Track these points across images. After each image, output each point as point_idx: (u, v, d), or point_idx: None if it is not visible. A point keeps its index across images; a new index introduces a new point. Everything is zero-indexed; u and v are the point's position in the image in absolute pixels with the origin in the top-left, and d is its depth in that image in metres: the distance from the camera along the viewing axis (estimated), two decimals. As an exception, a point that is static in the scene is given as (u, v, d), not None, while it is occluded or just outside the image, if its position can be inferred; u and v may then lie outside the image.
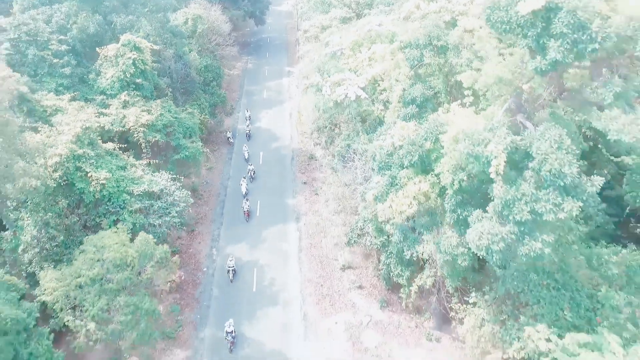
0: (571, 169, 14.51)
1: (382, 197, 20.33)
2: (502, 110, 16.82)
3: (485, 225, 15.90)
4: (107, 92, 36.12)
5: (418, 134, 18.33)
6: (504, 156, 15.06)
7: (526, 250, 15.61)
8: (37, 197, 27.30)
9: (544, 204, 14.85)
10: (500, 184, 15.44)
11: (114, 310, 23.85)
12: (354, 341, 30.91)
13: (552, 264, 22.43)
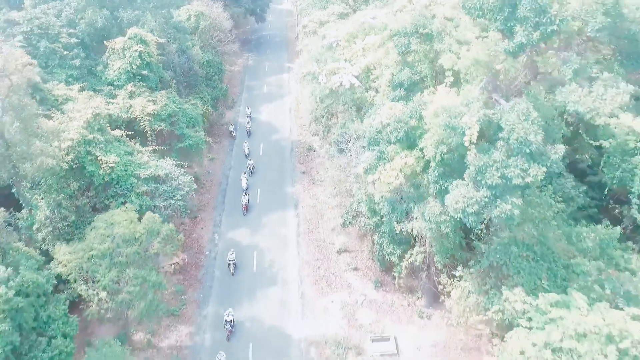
0: (536, 137, 16.36)
1: (371, 169, 22.28)
2: (478, 88, 18.72)
3: (461, 190, 17.78)
4: (114, 83, 38.07)
5: (404, 113, 20.25)
6: (477, 127, 16.92)
7: (498, 212, 17.48)
8: (50, 179, 29.24)
9: (512, 170, 16.72)
10: (474, 152, 17.32)
11: (123, 282, 25.72)
12: (349, 318, 32.75)
13: (531, 237, 24.33)
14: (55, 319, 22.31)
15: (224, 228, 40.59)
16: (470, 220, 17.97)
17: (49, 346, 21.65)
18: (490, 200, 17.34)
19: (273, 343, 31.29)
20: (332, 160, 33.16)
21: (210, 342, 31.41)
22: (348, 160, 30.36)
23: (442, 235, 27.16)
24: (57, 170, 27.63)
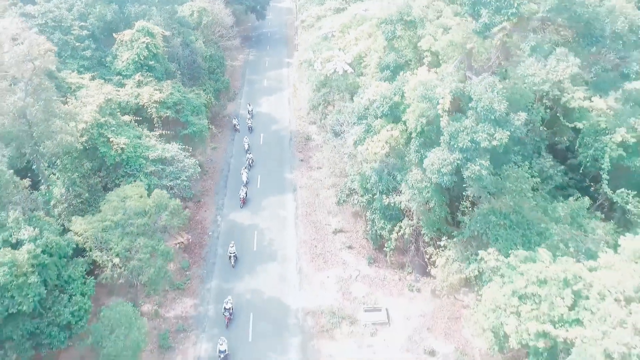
0: (500, 105, 18.87)
1: (360, 141, 24.83)
2: (452, 66, 21.24)
3: (437, 154, 20.28)
4: (123, 73, 40.72)
5: (389, 90, 22.79)
6: (449, 97, 19.41)
7: (468, 172, 19.98)
8: (65, 159, 31.90)
9: (480, 134, 19.21)
10: (446, 118, 19.84)
11: (134, 250, 28.22)
12: (343, 292, 35.28)
13: (508, 207, 26.88)
14: (75, 279, 24.86)
15: (226, 211, 43.16)
16: (445, 180, 20.49)
17: (69, 302, 24.21)
18: (462, 162, 19.86)
19: (272, 312, 33.84)
20: (327, 144, 35.70)
21: (213, 313, 33.94)
22: (342, 142, 32.96)
23: (429, 209, 29.79)
24: (74, 149, 30.20)
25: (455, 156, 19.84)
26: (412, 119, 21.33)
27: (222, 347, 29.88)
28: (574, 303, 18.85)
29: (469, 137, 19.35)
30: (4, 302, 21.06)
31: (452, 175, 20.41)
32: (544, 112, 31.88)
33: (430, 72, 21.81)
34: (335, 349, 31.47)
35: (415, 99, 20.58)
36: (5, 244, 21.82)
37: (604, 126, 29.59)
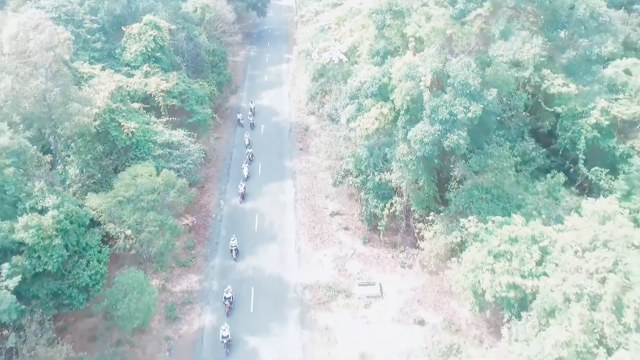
0: (474, 81, 21.46)
1: (352, 118, 27.44)
2: (434, 49, 23.85)
3: (420, 126, 22.86)
4: (131, 64, 43.45)
5: (378, 72, 25.35)
6: (430, 75, 21.99)
7: (448, 142, 22.57)
8: (79, 142, 34.59)
9: (458, 107, 21.78)
10: (428, 94, 22.43)
11: (145, 224, 30.86)
12: (339, 269, 37.87)
13: (490, 183, 29.50)
14: (92, 246, 27.51)
15: (228, 196, 45.81)
16: (426, 150, 23.09)
17: (87, 267, 26.86)
18: (442, 133, 22.45)
19: (272, 287, 36.44)
20: (325, 129, 38.36)
21: (217, 287, 36.54)
22: (338, 127, 35.60)
23: (418, 188, 32.45)
24: (88, 132, 32.88)
25: (435, 128, 22.46)
26: (399, 98, 23.97)
27: (224, 332, 31.21)
28: (541, 258, 21.40)
29: (447, 110, 21.95)
30: (31, 261, 23.68)
31: (433, 145, 23.01)
32: (526, 99, 34.59)
33: (415, 56, 24.43)
34: (331, 319, 34.03)
35: (400, 78, 23.23)
36: (33, 210, 24.46)
37: (580, 110, 32.28)
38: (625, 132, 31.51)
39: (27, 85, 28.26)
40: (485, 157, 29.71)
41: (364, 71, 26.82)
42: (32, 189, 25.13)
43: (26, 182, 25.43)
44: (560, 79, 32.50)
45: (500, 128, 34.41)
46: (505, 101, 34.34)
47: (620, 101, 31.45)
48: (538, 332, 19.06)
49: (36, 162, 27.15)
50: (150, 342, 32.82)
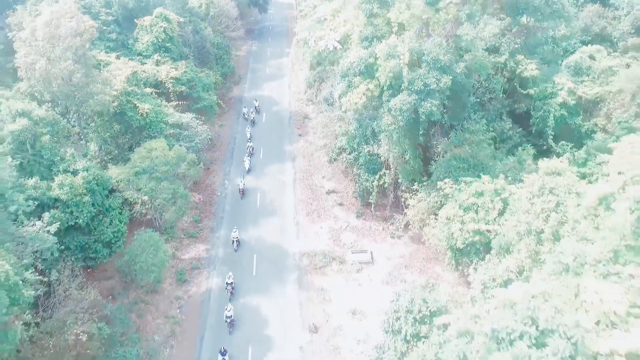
0: (444, 57, 25.65)
1: (343, 94, 31.68)
2: (412, 32, 28.02)
3: (399, 97, 27.02)
4: (143, 53, 47.82)
5: (365, 54, 29.60)
6: (407, 53, 26.15)
7: (422, 109, 26.76)
8: (98, 121, 38.87)
9: (431, 79, 25.95)
10: (406, 69, 26.60)
11: (159, 192, 35.13)
12: (334, 239, 42.06)
13: (467, 154, 33.69)
14: (114, 208, 31.77)
15: (232, 176, 50.09)
16: (405, 116, 27.27)
17: (110, 224, 31.12)
18: (418, 102, 26.62)
19: (273, 254, 40.64)
20: (322, 112, 42.64)
21: (222, 255, 40.77)
22: (333, 109, 39.84)
23: (405, 161, 36.66)
24: (106, 112, 37.17)
25: (412, 97, 26.65)
26: (383, 75, 28.15)
27: (228, 312, 33.61)
28: (503, 209, 25.54)
29: (422, 82, 26.13)
30: (65, 215, 27.91)
31: (410, 113, 27.18)
32: (503, 82, 38.88)
33: (397, 39, 28.64)
34: (326, 282, 38.19)
35: (383, 57, 27.42)
36: (65, 172, 28.73)
37: (550, 91, 36.53)
38: (589, 111, 35.69)
39: (57, 66, 32.56)
40: (464, 132, 33.95)
41: (353, 53, 31.13)
42: (65, 154, 29.43)
43: (59, 149, 29.71)
44: (533, 64, 36.76)
45: (480, 110, 38.65)
46: (484, 85, 38.61)
47: (585, 83, 35.69)
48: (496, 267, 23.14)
49: (66, 133, 31.42)
50: (163, 301, 37.01)
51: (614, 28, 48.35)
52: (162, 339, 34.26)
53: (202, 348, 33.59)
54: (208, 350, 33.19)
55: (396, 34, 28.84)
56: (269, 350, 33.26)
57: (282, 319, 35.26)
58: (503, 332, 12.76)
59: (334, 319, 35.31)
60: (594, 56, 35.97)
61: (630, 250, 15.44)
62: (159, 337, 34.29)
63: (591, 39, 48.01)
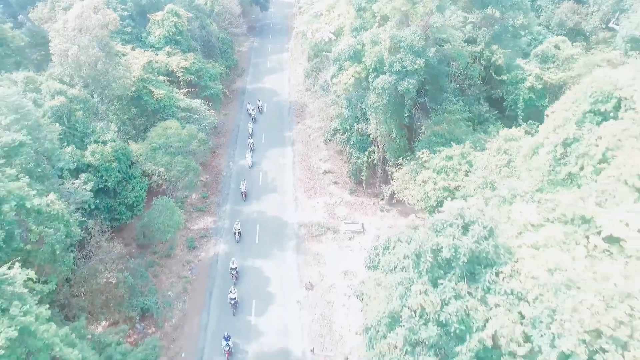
0: (419, 43, 30.97)
1: (335, 76, 36.97)
2: (393, 23, 33.35)
3: (381, 77, 32.27)
4: (155, 46, 53.30)
5: (354, 42, 34.90)
6: (388, 40, 31.44)
7: (401, 87, 32.05)
8: (118, 104, 44.25)
9: (407, 62, 31.24)
10: (387, 54, 31.87)
11: (174, 165, 40.48)
12: (329, 212, 47.36)
13: (445, 131, 38.99)
14: (136, 176, 37.12)
15: (236, 158, 55.53)
16: (386, 94, 32.56)
17: (132, 190, 36.48)
18: (397, 81, 31.92)
19: (274, 225, 45.98)
20: (318, 98, 48.10)
21: (228, 225, 46.09)
22: (328, 94, 45.27)
23: (391, 139, 41.97)
24: (126, 95, 42.56)
25: (392, 77, 31.93)
26: (369, 59, 33.46)
27: (232, 295, 36.72)
28: (468, 170, 30.83)
29: (400, 64, 31.40)
30: (96, 178, 33.24)
31: (391, 91, 32.48)
32: (480, 70, 44.24)
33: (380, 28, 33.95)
34: (321, 248, 43.50)
35: (368, 44, 32.76)
36: (96, 142, 34.09)
37: (520, 77, 41.88)
38: (554, 94, 40.98)
39: (86, 54, 37.96)
40: (443, 113, 39.34)
41: (344, 41, 36.48)
42: (95, 127, 34.81)
43: (90, 123, 35.09)
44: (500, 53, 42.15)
45: (460, 95, 43.97)
46: (463, 72, 43.95)
47: (550, 69, 41.00)
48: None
49: (95, 111, 36.81)
50: (175, 264, 42.38)
51: (587, 23, 53.92)
52: (175, 294, 39.60)
53: (210, 302, 38.88)
54: (216, 304, 38.47)
55: (380, 24, 34.15)
56: (270, 304, 38.54)
57: (282, 279, 40.55)
58: (439, 223, 17.84)
59: (328, 279, 40.58)
60: (559, 46, 41.30)
61: (550, 184, 20.43)
62: (172, 293, 39.64)
63: (566, 32, 53.70)
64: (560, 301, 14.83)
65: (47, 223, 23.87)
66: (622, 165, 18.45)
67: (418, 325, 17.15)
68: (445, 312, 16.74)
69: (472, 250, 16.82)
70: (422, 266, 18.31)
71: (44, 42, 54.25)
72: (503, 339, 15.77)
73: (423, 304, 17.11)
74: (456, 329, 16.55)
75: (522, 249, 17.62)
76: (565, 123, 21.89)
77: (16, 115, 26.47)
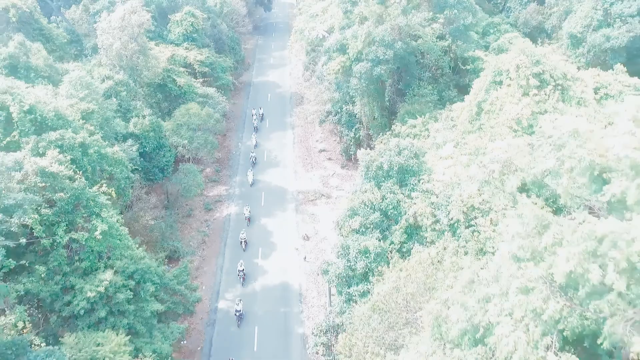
0: (388, 37, 41.97)
1: (325, 64, 48.01)
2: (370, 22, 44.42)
3: (360, 64, 43.49)
4: (175, 42, 64.71)
5: (340, 37, 45.99)
6: (364, 36, 42.60)
7: (375, 72, 43.05)
8: (146, 90, 55.54)
9: (379, 52, 42.25)
10: (363, 46, 42.91)
11: (195, 138, 51.67)
12: (324, 182, 58.44)
13: (415, 110, 49.99)
14: (166, 145, 48.33)
15: (244, 139, 66.82)
16: (364, 77, 43.65)
17: (164, 156, 47.65)
18: (372, 67, 42.95)
19: (277, 192, 57.11)
20: (315, 86, 59.36)
21: (238, 192, 57.21)
22: (322, 81, 56.44)
23: (374, 118, 53.06)
24: (154, 82, 53.84)
25: (369, 65, 42.92)
26: (351, 51, 44.47)
27: (238, 307, 40.72)
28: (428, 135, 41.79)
29: (374, 54, 42.40)
30: (138, 145, 44.28)
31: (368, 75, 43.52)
32: (449, 61, 55.36)
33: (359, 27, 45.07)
34: (316, 210, 54.53)
35: (351, 39, 43.76)
36: (137, 115, 45.26)
37: (482, 66, 52.91)
38: (508, 80, 51.92)
39: (126, 47, 49.25)
40: (415, 96, 50.43)
41: (333, 37, 47.60)
42: (136, 105, 46.04)
43: (131, 101, 46.33)
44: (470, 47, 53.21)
45: (433, 83, 54.95)
46: (435, 64, 54.99)
47: (505, 60, 51.94)
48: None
49: (134, 93, 48.08)
50: (195, 222, 53.54)
51: (548, 22, 64.94)
52: (196, 244, 50.67)
53: (225, 249, 49.90)
54: (229, 251, 49.43)
55: (361, 23, 45.13)
56: (273, 251, 49.51)
57: (283, 232, 51.55)
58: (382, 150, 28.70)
59: (321, 232, 51.53)
60: (512, 40, 52.30)
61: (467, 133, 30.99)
62: (193, 243, 50.70)
63: (530, 30, 64.76)
64: (452, 192, 25.43)
65: (114, 165, 34.98)
66: (504, 115, 29.20)
67: (368, 213, 27.78)
68: (384, 203, 27.38)
69: (402, 164, 27.51)
70: (369, 174, 29.13)
71: (78, 39, 66.01)
72: (419, 217, 26.36)
73: (371, 198, 27.81)
74: (392, 214, 27.06)
75: (437, 167, 28.32)
76: (479, 91, 32.52)
77: (87, 91, 37.68)
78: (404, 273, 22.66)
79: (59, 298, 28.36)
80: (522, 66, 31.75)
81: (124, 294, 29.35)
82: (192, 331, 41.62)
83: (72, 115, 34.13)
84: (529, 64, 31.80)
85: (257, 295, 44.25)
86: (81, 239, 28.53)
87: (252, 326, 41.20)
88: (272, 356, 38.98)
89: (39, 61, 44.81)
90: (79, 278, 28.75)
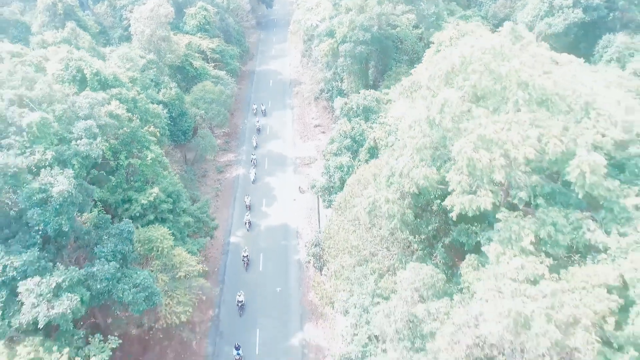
0: (367, 23, 54.70)
1: (317, 45, 60.82)
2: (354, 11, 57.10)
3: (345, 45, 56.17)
4: (190, 32, 77.89)
5: (328, 24, 58.77)
6: (348, 22, 55.20)
7: (356, 51, 55.78)
8: (169, 70, 68.53)
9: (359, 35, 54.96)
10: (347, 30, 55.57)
11: (209, 110, 64.53)
12: (318, 151, 71.17)
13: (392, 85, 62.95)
14: (187, 113, 61.15)
15: (249, 118, 79.76)
16: (349, 55, 56.39)
17: (185, 122, 60.51)
18: (354, 46, 55.70)
19: (278, 159, 70.01)
20: (309, 68, 72.32)
21: (245, 159, 70.05)
22: (316, 63, 69.29)
23: (360, 94, 65.93)
24: (175, 65, 66.86)
25: (351, 45, 55.64)
26: (338, 35, 57.21)
27: (240, 297, 45.74)
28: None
29: (355, 37, 55.31)
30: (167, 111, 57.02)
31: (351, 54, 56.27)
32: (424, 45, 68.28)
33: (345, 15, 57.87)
34: (311, 170, 67.31)
35: (337, 25, 56.60)
36: (165, 87, 58.12)
37: (448, 50, 65.80)
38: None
39: (154, 34, 62.22)
40: (392, 73, 63.37)
41: (323, 25, 60.62)
42: (164, 80, 58.97)
43: (159, 77, 59.26)
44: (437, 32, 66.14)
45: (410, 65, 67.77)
46: (411, 48, 67.94)
47: (468, 45, 64.86)
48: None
49: (162, 70, 61.06)
50: (209, 180, 66.43)
51: (514, 15, 77.86)
52: (211, 197, 63.37)
53: (235, 202, 62.60)
54: (238, 203, 62.09)
55: (345, 13, 57.90)
56: (275, 201, 62.22)
57: (283, 188, 64.27)
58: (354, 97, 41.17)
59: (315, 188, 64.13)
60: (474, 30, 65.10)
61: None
62: (208, 196, 63.40)
63: (498, 21, 77.72)
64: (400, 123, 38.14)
65: (155, 117, 47.78)
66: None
67: (342, 140, 40.37)
68: (354, 131, 39.88)
69: (365, 105, 40.14)
70: (343, 113, 41.87)
71: (104, 30, 79.34)
72: (378, 140, 38.88)
73: (344, 129, 40.27)
74: (359, 139, 39.41)
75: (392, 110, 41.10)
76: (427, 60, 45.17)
77: (132, 63, 50.56)
78: (361, 172, 35.35)
79: (120, 205, 41.04)
80: (453, 37, 44.80)
81: (166, 204, 42.06)
82: (210, 258, 54.23)
83: (124, 79, 47.00)
84: (459, 36, 45.05)
85: (262, 233, 56.89)
86: (136, 164, 41.28)
87: (257, 254, 53.79)
88: (273, 273, 51.51)
89: (85, 44, 57.90)
90: (135, 192, 41.46)
